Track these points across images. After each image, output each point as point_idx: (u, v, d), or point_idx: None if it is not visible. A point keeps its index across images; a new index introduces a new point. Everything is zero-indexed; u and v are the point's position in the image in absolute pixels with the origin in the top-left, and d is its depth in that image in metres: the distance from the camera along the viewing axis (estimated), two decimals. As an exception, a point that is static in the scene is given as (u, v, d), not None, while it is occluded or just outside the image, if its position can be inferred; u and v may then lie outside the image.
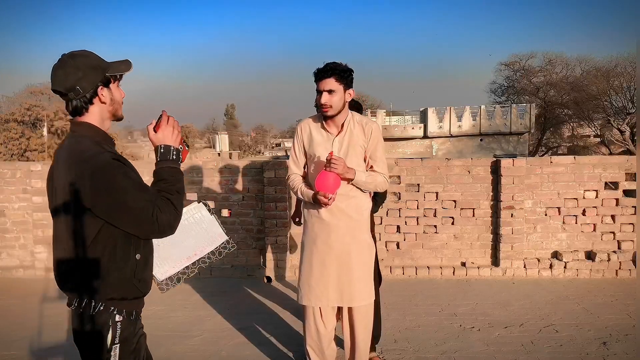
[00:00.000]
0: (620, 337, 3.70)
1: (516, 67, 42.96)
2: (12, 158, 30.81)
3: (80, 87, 1.69)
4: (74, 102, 1.72)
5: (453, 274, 5.42)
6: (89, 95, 1.72)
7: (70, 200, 1.67)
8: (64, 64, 1.70)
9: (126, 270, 1.74)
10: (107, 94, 1.75)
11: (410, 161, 5.70)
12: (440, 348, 3.55)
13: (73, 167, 1.66)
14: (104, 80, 1.73)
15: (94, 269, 1.70)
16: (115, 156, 1.69)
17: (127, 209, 1.64)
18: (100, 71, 1.73)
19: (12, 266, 5.72)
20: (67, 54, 1.73)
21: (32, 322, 4.11)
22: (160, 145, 1.79)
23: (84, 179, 1.63)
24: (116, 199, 1.62)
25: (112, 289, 1.73)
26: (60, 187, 1.71)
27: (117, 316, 1.75)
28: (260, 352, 3.52)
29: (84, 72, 1.69)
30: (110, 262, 1.70)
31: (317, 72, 2.71)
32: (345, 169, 2.63)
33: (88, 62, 1.71)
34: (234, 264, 5.66)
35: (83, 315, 1.73)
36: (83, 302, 1.72)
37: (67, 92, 1.70)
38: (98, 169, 1.62)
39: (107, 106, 1.77)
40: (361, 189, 2.81)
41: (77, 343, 1.82)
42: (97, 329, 1.74)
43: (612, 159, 5.58)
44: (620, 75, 32.25)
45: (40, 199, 5.59)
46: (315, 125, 2.85)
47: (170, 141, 1.79)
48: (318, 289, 2.80)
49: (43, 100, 34.38)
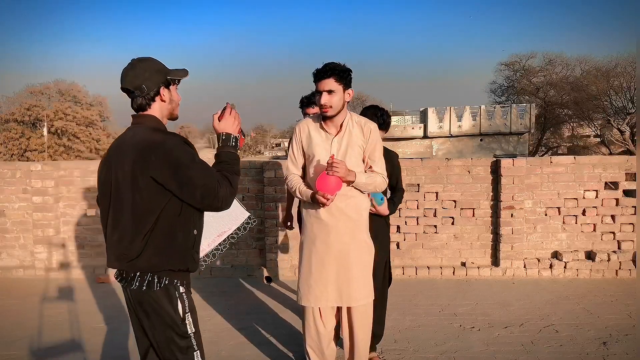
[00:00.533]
0: (620, 337, 3.70)
1: (516, 67, 42.94)
2: (12, 158, 30.84)
3: (146, 86, 1.95)
4: (139, 99, 1.97)
5: (453, 274, 5.42)
6: (152, 94, 1.97)
7: (140, 178, 1.85)
8: (133, 66, 1.96)
9: (187, 244, 1.94)
10: (167, 94, 2.01)
11: (410, 161, 5.70)
12: (440, 348, 3.55)
13: (145, 149, 1.86)
14: (165, 82, 2.00)
15: (161, 242, 1.89)
16: (184, 140, 1.93)
17: (194, 184, 1.85)
18: (163, 74, 1.99)
19: (12, 266, 5.72)
20: (136, 59, 1.99)
21: (32, 322, 4.11)
22: (222, 133, 2.04)
23: (158, 157, 1.83)
24: (187, 174, 1.84)
25: (176, 262, 1.92)
26: (126, 169, 1.88)
27: (181, 287, 1.96)
28: (260, 352, 3.52)
29: (150, 73, 1.96)
30: (174, 236, 1.90)
31: (316, 72, 2.70)
32: (346, 172, 2.63)
33: (154, 66, 1.98)
34: (234, 264, 5.66)
35: (149, 290, 1.89)
36: (147, 276, 1.89)
37: (134, 90, 1.96)
38: (171, 149, 1.85)
39: (167, 104, 2.03)
40: (360, 190, 2.81)
41: (142, 320, 1.95)
42: (169, 301, 1.92)
43: (612, 159, 5.58)
44: (620, 75, 32.24)
45: (40, 199, 5.59)
46: (314, 126, 2.85)
47: (231, 130, 2.05)
48: (317, 289, 2.80)
49: (43, 100, 34.39)
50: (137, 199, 1.86)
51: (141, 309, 1.93)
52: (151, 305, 1.91)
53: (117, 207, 1.92)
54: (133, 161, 1.86)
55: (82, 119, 33.78)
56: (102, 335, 3.82)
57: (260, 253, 5.64)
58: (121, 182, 1.90)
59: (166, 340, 1.93)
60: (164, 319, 1.92)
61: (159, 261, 1.89)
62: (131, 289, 1.92)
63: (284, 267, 5.50)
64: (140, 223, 1.87)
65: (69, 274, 5.60)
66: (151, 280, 1.89)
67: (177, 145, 1.88)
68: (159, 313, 1.91)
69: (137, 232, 1.87)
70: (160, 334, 1.93)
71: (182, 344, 1.95)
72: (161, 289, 1.90)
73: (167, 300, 1.92)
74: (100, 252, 5.75)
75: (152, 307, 1.91)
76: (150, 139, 1.90)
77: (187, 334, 1.96)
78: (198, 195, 1.87)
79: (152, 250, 1.88)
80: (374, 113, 3.31)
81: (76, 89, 36.10)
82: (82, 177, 5.70)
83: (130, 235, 1.88)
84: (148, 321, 1.94)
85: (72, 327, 4.02)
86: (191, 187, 1.85)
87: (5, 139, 31.88)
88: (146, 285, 1.89)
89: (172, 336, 1.93)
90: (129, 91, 1.98)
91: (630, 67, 30.99)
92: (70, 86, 36.07)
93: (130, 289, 1.94)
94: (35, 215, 5.62)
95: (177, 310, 1.93)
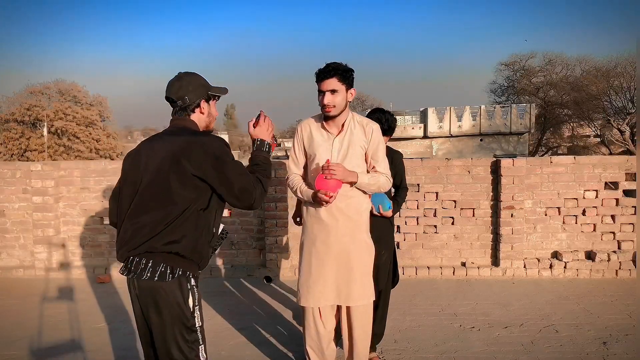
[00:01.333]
0: (620, 337, 3.70)
1: (516, 67, 42.92)
2: (12, 158, 30.82)
3: (188, 98, 2.09)
4: (180, 107, 2.10)
5: (453, 274, 5.42)
6: (193, 106, 2.11)
7: (177, 169, 1.92)
8: (180, 79, 2.10)
9: (205, 239, 2.02)
10: (206, 108, 2.15)
11: (410, 161, 5.69)
12: (440, 348, 3.55)
13: (187, 142, 1.95)
14: (206, 97, 2.14)
15: (184, 233, 1.94)
16: (224, 141, 2.03)
17: (234, 180, 1.96)
18: (205, 89, 2.13)
19: (12, 266, 5.72)
20: (183, 72, 2.14)
21: (32, 322, 4.11)
22: (257, 139, 2.21)
23: (199, 151, 1.93)
24: (227, 170, 1.95)
25: (194, 254, 1.98)
26: (163, 160, 1.95)
27: (193, 280, 2.01)
28: (260, 352, 3.52)
29: (194, 87, 2.10)
30: (196, 229, 1.97)
31: (318, 72, 2.70)
32: (345, 174, 2.63)
33: (198, 81, 2.13)
34: (234, 264, 5.66)
35: (161, 281, 1.92)
36: (159, 267, 1.92)
37: (177, 100, 2.09)
38: (214, 145, 1.96)
39: (205, 117, 2.16)
40: (364, 191, 2.80)
41: (150, 314, 1.96)
42: (180, 293, 1.95)
43: (612, 159, 5.58)
44: (620, 75, 32.21)
45: (40, 199, 5.60)
46: (316, 125, 2.85)
47: (265, 136, 2.22)
48: (316, 289, 2.79)
49: (43, 100, 34.36)
50: (172, 188, 1.93)
51: (151, 301, 1.93)
52: (162, 297, 1.92)
53: (145, 195, 1.96)
54: (172, 153, 1.94)
55: (82, 119, 33.75)
56: (102, 335, 3.82)
57: (260, 253, 5.64)
58: (153, 172, 1.96)
59: (174, 333, 1.94)
60: (174, 311, 1.93)
61: (180, 250, 1.93)
62: (142, 279, 1.92)
63: (284, 267, 5.50)
64: (168, 213, 1.92)
65: (69, 274, 5.60)
66: (164, 271, 1.91)
67: (218, 143, 1.99)
68: (170, 304, 1.93)
69: (161, 222, 1.92)
70: (168, 327, 1.94)
71: (190, 337, 1.97)
72: (173, 280, 1.92)
73: (179, 292, 1.94)
74: (100, 252, 5.75)
75: (162, 299, 1.92)
76: (191, 135, 2.01)
77: (195, 327, 1.99)
78: (236, 191, 1.98)
79: (174, 239, 1.92)
80: (379, 118, 3.26)
81: (76, 89, 36.06)
82: (82, 177, 5.70)
83: (154, 223, 1.92)
84: (156, 314, 1.94)
85: (72, 327, 4.02)
86: (230, 183, 1.96)
87: (5, 139, 31.85)
88: (158, 276, 1.91)
89: (180, 329, 1.95)
90: (172, 100, 2.10)
91: (630, 67, 30.97)
92: (70, 86, 36.04)
93: (139, 281, 1.94)
94: (35, 215, 5.63)
95: (188, 302, 1.97)
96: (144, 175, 1.98)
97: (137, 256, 1.94)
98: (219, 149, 1.97)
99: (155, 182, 1.95)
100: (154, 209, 1.93)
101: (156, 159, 1.96)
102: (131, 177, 2.02)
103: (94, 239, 5.74)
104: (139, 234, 1.93)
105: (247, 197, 2.00)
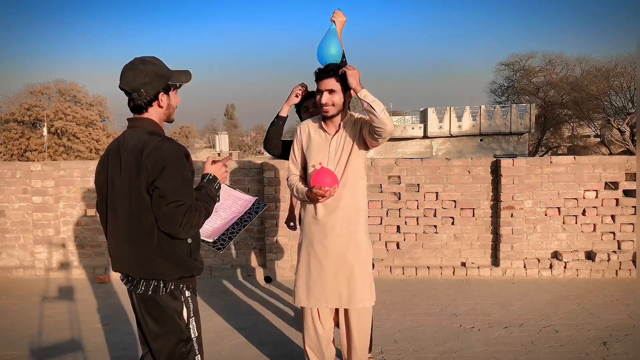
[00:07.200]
0: (620, 337, 3.70)
1: (516, 67, 42.91)
2: (12, 158, 30.81)
3: (144, 90, 1.90)
4: (136, 101, 1.92)
5: (453, 274, 5.42)
6: (149, 99, 1.92)
7: (135, 186, 1.83)
8: (134, 67, 1.90)
9: (183, 253, 1.92)
10: (165, 100, 1.97)
11: (410, 161, 5.69)
12: (440, 348, 3.55)
13: (140, 155, 1.83)
14: (165, 87, 1.95)
15: (158, 253, 1.88)
16: (185, 152, 1.90)
17: (167, 195, 1.80)
18: (164, 80, 1.93)
19: (12, 266, 5.72)
20: (138, 59, 1.93)
21: (32, 322, 4.11)
22: (210, 173, 2.10)
23: (150, 163, 1.80)
24: (166, 182, 1.80)
25: (179, 268, 1.91)
26: (122, 175, 1.86)
27: (187, 292, 1.97)
28: (260, 352, 3.52)
29: (150, 78, 1.90)
30: (169, 246, 1.88)
31: (318, 72, 2.72)
32: (358, 78, 2.58)
33: (155, 69, 1.92)
34: (234, 264, 5.66)
35: (155, 294, 1.90)
36: (152, 282, 1.89)
37: (131, 92, 1.91)
38: (165, 153, 1.82)
39: (164, 110, 1.99)
40: (371, 105, 2.54)
41: (146, 323, 1.96)
42: (175, 306, 1.94)
43: (612, 159, 5.58)
44: (620, 75, 32.22)
45: (40, 199, 5.59)
46: (315, 126, 2.86)
47: (219, 176, 2.12)
48: (316, 290, 2.79)
49: (43, 100, 34.36)
50: (133, 207, 1.84)
51: (147, 313, 1.94)
52: (157, 309, 1.92)
53: (114, 214, 1.91)
54: (129, 167, 1.84)
55: (82, 119, 33.75)
56: (102, 335, 3.82)
57: (260, 253, 5.64)
58: (118, 189, 1.89)
59: (169, 344, 1.94)
60: (169, 322, 1.93)
61: (158, 271, 1.89)
62: (137, 292, 1.93)
63: (284, 267, 5.50)
64: (136, 232, 1.86)
65: (69, 274, 5.60)
66: (157, 285, 1.90)
67: (172, 152, 1.84)
68: (164, 317, 1.92)
69: (133, 241, 1.87)
70: (163, 339, 1.94)
71: (185, 349, 1.96)
72: (166, 294, 1.91)
73: (172, 305, 1.93)
74: (100, 252, 5.75)
75: (157, 310, 1.92)
76: (145, 142, 1.85)
77: (190, 338, 1.97)
78: (165, 209, 1.80)
79: (150, 260, 1.88)
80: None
81: (76, 89, 36.07)
82: (82, 177, 5.70)
83: (127, 243, 1.88)
84: (152, 324, 1.94)
85: (72, 327, 4.02)
86: (162, 197, 1.80)
87: (5, 139, 31.86)
88: (152, 290, 1.90)
89: (175, 341, 1.94)
90: (125, 91, 1.94)
91: (630, 67, 30.97)
92: (70, 86, 36.05)
93: (136, 293, 1.95)
94: (35, 215, 5.62)
95: (182, 315, 1.95)
96: (109, 194, 1.92)
97: (125, 273, 1.96)
98: (169, 158, 1.82)
99: (119, 202, 1.89)
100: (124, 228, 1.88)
101: (117, 176, 1.88)
102: (102, 194, 1.97)
103: (94, 239, 5.74)
104: (125, 264, 1.93)
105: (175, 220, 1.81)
